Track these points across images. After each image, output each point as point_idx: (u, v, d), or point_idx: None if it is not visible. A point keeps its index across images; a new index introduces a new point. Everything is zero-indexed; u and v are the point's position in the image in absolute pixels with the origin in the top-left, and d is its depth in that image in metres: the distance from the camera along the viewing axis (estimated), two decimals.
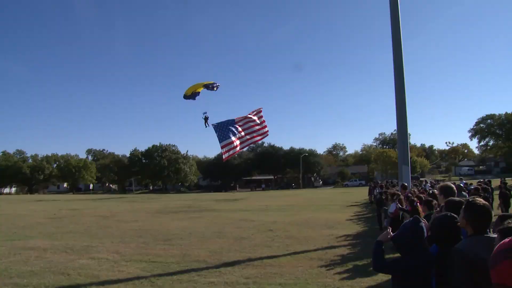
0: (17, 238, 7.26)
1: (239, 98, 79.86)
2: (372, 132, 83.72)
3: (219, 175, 65.96)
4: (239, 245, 6.04)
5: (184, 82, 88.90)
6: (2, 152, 62.18)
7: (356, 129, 78.18)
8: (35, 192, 61.33)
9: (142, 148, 62.53)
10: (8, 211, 14.66)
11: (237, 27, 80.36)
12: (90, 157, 76.58)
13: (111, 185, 71.80)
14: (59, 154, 68.54)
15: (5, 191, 60.15)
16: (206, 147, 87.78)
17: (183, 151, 60.48)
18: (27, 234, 7.85)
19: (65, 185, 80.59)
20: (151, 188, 69.68)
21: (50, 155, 66.59)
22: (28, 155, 65.15)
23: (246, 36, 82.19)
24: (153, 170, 58.59)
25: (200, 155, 68.89)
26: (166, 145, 70.77)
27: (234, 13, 77.21)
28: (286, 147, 52.82)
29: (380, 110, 79.00)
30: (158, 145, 67.51)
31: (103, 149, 75.97)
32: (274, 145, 53.91)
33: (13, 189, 68.57)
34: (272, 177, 53.96)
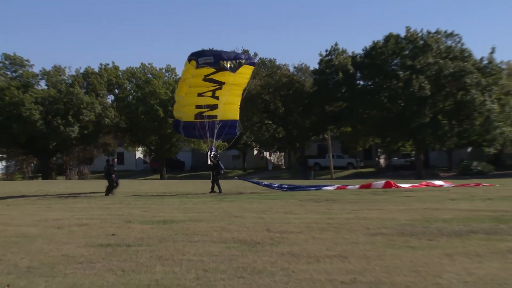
0: None
1: None
2: None
3: None
4: None
5: None
6: None
7: None
8: (56, 175, 79.10)
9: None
10: None
11: None
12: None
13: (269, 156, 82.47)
14: (123, 68, 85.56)
15: None
16: None
17: (478, 53, 66.85)
18: None
19: (138, 153, 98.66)
20: (380, 158, 77.99)
21: (96, 69, 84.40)
22: (36, 69, 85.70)
23: None
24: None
25: None
26: (431, 36, 75.68)
27: None
28: None
29: None
30: (405, 32, 74.72)
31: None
32: None
33: None
34: None
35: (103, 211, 22.31)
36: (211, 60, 30.00)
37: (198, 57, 30.07)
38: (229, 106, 32.39)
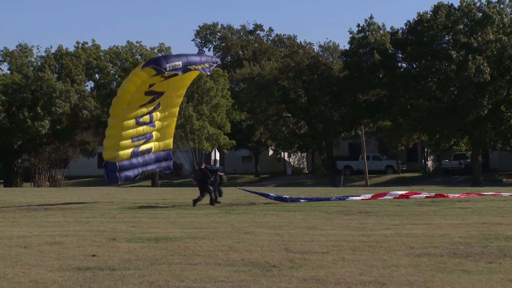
0: None
1: None
2: None
3: None
4: None
5: None
6: None
7: None
8: (21, 181, 79.75)
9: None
10: None
11: None
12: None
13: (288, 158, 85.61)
14: (105, 47, 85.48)
15: None
16: None
17: None
18: None
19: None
20: (427, 160, 79.65)
21: (72, 49, 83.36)
22: None
23: None
24: None
25: None
26: (492, 6, 76.38)
27: None
28: None
29: None
30: (459, 2, 75.22)
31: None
32: None
33: None
34: None
35: (81, 226, 22.30)
36: (179, 65, 30.03)
37: (167, 63, 29.62)
38: (164, 132, 32.86)
